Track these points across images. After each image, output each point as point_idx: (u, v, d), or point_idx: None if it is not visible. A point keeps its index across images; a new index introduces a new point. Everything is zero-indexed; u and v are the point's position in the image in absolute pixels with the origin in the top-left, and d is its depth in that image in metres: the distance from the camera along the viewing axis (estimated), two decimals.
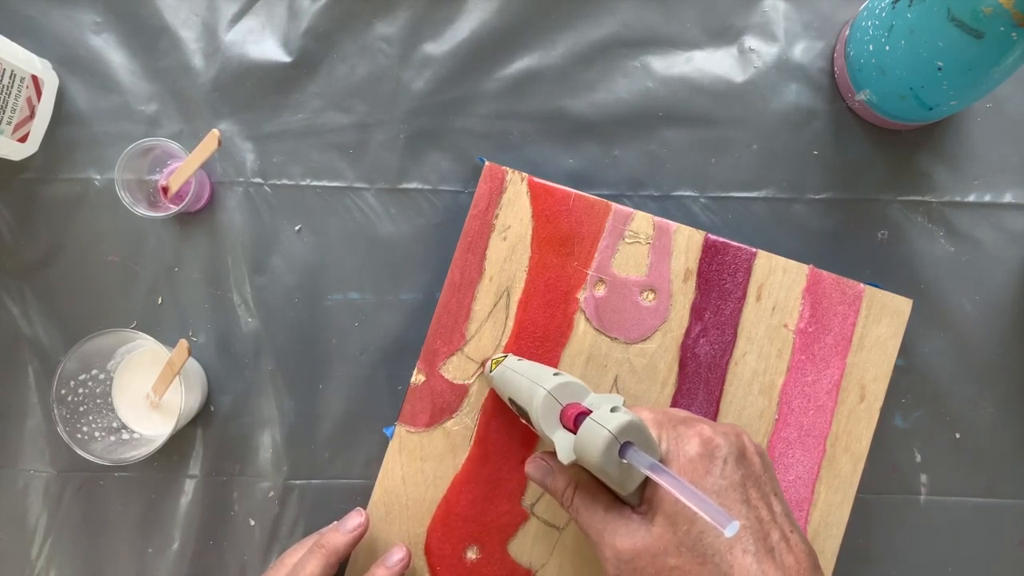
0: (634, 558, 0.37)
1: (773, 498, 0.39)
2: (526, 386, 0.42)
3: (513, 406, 0.44)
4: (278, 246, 0.53)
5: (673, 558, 0.36)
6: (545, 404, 0.40)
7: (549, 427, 0.40)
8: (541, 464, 0.44)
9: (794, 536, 0.38)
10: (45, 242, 0.53)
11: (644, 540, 0.37)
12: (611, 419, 0.36)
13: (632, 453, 0.36)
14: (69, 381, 0.49)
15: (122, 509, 0.52)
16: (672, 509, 0.37)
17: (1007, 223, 0.53)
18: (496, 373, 0.46)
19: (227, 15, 0.54)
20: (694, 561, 0.36)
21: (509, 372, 0.45)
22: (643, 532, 0.38)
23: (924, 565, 0.52)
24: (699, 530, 0.36)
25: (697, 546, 0.36)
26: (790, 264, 0.50)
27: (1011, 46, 0.40)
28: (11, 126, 0.50)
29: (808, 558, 0.37)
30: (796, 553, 0.37)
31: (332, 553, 0.45)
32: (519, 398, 0.42)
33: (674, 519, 0.37)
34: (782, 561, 0.36)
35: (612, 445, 0.35)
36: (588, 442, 0.36)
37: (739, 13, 0.54)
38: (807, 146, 0.53)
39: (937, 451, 0.52)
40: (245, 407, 0.53)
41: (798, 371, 0.50)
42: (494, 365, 0.47)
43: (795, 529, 0.38)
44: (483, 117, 0.54)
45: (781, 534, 0.37)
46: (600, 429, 0.36)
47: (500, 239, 0.51)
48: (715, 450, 0.38)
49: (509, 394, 0.44)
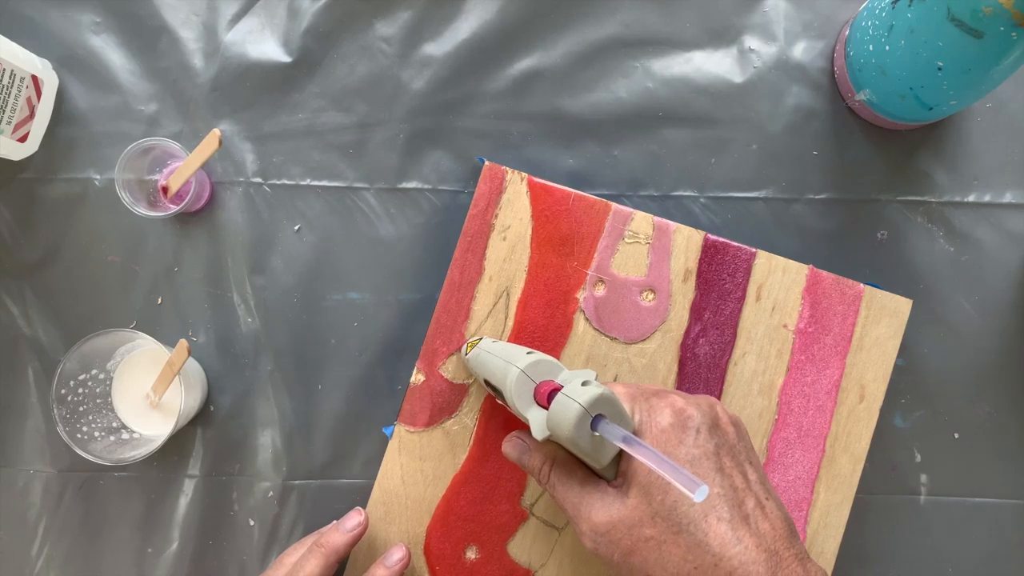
0: (610, 530, 0.38)
1: (748, 466, 0.39)
2: (500, 366, 0.42)
3: (489, 387, 0.44)
4: (278, 246, 0.53)
5: (649, 528, 0.37)
6: (519, 382, 0.40)
7: (523, 405, 0.40)
8: (517, 443, 0.44)
9: (769, 503, 0.38)
10: (45, 242, 0.53)
11: (619, 512, 0.38)
12: (582, 392, 0.36)
13: (604, 425, 0.36)
14: (69, 381, 0.49)
15: (122, 509, 0.52)
16: (646, 480, 0.37)
17: (1007, 223, 0.53)
18: (472, 355, 0.47)
19: (227, 15, 0.54)
20: (669, 531, 0.36)
21: (484, 353, 0.45)
22: (618, 504, 0.38)
23: (924, 565, 0.52)
24: (673, 500, 0.37)
25: (672, 515, 0.36)
26: (790, 264, 0.50)
27: (1011, 46, 0.40)
28: (11, 126, 0.50)
29: (784, 524, 0.38)
30: (772, 519, 0.37)
31: (331, 552, 0.45)
32: (494, 378, 0.43)
33: (648, 490, 0.37)
34: (757, 528, 0.37)
35: (584, 418, 0.36)
36: (560, 416, 0.36)
37: (739, 13, 0.54)
38: (807, 146, 0.53)
39: (937, 451, 0.52)
40: (245, 407, 0.53)
41: (798, 371, 0.50)
42: (469, 348, 0.47)
43: (770, 496, 0.39)
44: (483, 117, 0.54)
45: (756, 501, 0.38)
46: (571, 403, 0.36)
47: (500, 239, 0.51)
48: (687, 420, 0.38)
49: (485, 375, 0.44)
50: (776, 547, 0.36)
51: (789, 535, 0.37)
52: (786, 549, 0.36)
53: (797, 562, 0.36)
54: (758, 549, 0.35)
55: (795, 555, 0.36)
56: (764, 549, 0.36)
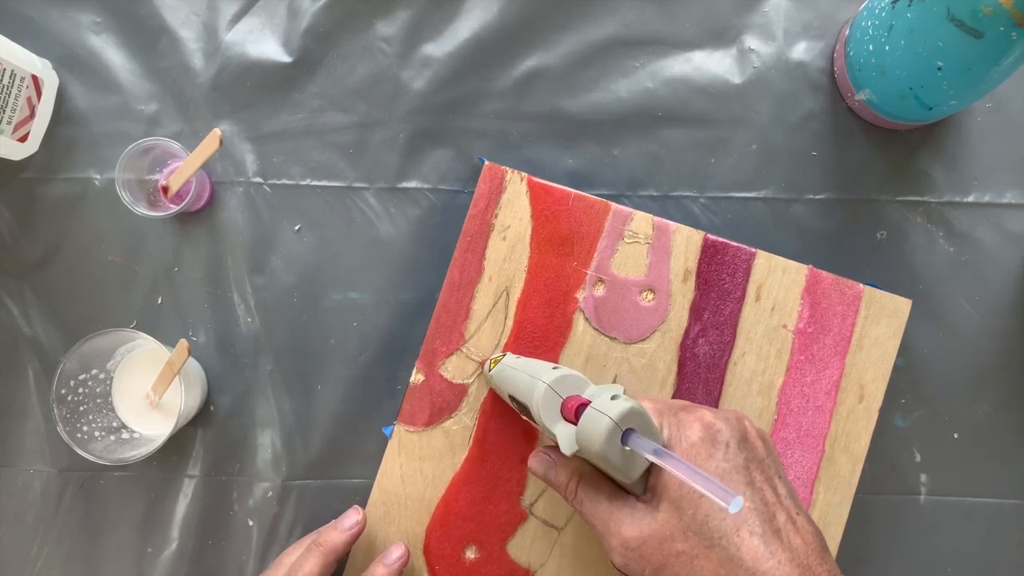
0: (641, 545, 0.37)
1: (777, 480, 0.39)
2: (526, 382, 0.42)
3: (514, 403, 0.44)
4: (278, 246, 0.53)
5: (680, 543, 0.36)
6: (546, 398, 0.40)
7: (550, 420, 0.39)
8: (544, 458, 0.44)
9: (800, 518, 0.38)
10: (45, 242, 0.53)
11: (650, 527, 0.37)
12: (612, 407, 0.36)
13: (634, 439, 0.35)
14: (69, 381, 0.49)
15: (122, 509, 0.52)
16: (677, 494, 0.37)
17: (1007, 223, 0.53)
18: (495, 372, 0.46)
19: (227, 15, 0.54)
20: (701, 545, 0.36)
21: (508, 370, 0.45)
22: (648, 519, 0.37)
23: (923, 565, 0.52)
24: (705, 513, 0.36)
25: (703, 530, 0.36)
26: (789, 264, 0.50)
27: (1011, 46, 0.40)
28: (11, 126, 0.50)
29: (815, 539, 0.37)
30: (803, 534, 0.37)
31: (330, 551, 0.45)
32: (519, 394, 0.42)
33: (679, 504, 0.37)
34: (790, 542, 0.36)
35: (614, 432, 0.35)
36: (590, 431, 0.36)
37: (739, 13, 0.54)
38: (806, 146, 0.53)
39: (936, 451, 0.52)
40: (245, 407, 0.53)
41: (797, 371, 0.50)
42: (492, 364, 0.47)
43: (801, 511, 0.38)
44: (483, 117, 0.54)
45: (787, 516, 0.37)
46: (601, 417, 0.36)
47: (499, 239, 0.51)
48: (717, 434, 0.38)
49: (509, 391, 0.44)
50: (809, 562, 0.36)
51: (821, 550, 0.37)
52: (819, 564, 0.36)
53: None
54: (791, 564, 0.35)
55: (828, 571, 0.36)
56: (797, 564, 0.35)
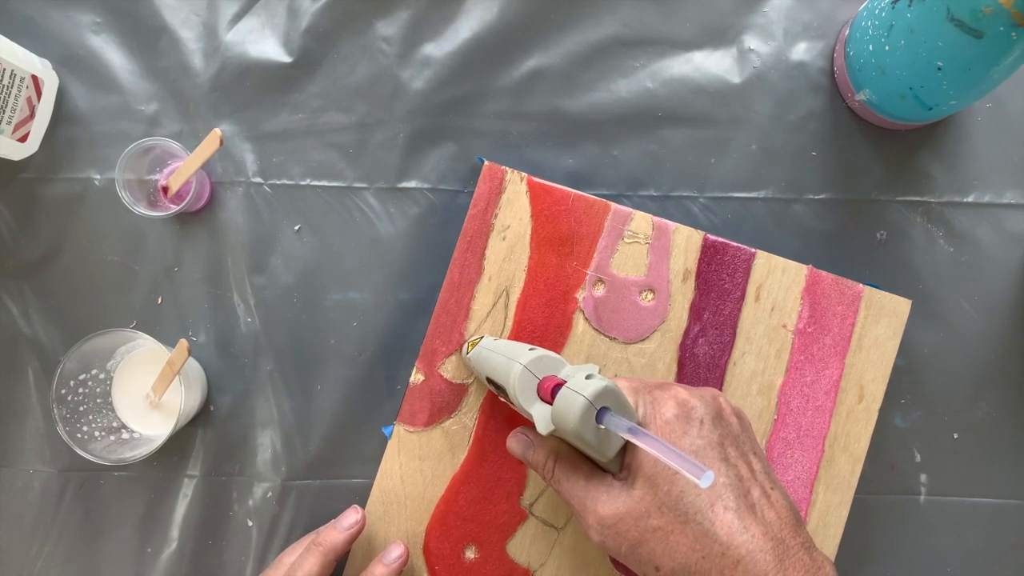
0: (617, 523, 0.38)
1: (752, 456, 0.39)
2: (503, 363, 0.42)
3: (491, 385, 0.44)
4: (278, 246, 0.53)
5: (655, 519, 0.37)
6: (522, 378, 0.40)
7: (527, 401, 0.40)
8: (522, 438, 0.44)
9: (775, 492, 0.38)
10: (45, 242, 0.53)
11: (626, 504, 0.38)
12: (586, 386, 0.36)
13: (609, 418, 0.36)
14: (69, 381, 0.49)
15: (121, 509, 0.52)
16: (652, 471, 0.37)
17: (1007, 223, 0.53)
18: (473, 354, 0.47)
19: (227, 15, 0.54)
20: (676, 521, 0.36)
21: (486, 351, 0.45)
22: (624, 496, 0.38)
23: (923, 565, 0.52)
24: (679, 490, 0.37)
25: (678, 505, 0.36)
26: (789, 264, 0.50)
27: (1011, 46, 0.40)
28: (11, 126, 0.50)
29: (789, 513, 0.38)
30: (777, 508, 0.37)
31: (329, 551, 0.45)
32: (496, 376, 0.43)
33: (654, 480, 0.37)
34: (764, 516, 0.37)
35: (588, 411, 0.36)
36: (565, 410, 0.36)
37: (739, 13, 0.54)
38: (806, 146, 0.53)
39: (936, 451, 0.52)
40: (244, 407, 0.53)
41: (797, 371, 0.50)
42: (471, 347, 0.47)
43: (775, 486, 0.39)
44: (483, 117, 0.54)
45: (762, 491, 0.38)
46: (576, 396, 0.36)
47: (499, 239, 0.51)
48: (691, 411, 0.39)
49: (487, 373, 0.44)
50: (783, 535, 0.36)
51: (795, 524, 0.37)
52: (792, 537, 0.36)
53: (804, 550, 0.36)
54: (765, 537, 0.36)
55: (801, 543, 0.37)
56: (771, 538, 0.36)
